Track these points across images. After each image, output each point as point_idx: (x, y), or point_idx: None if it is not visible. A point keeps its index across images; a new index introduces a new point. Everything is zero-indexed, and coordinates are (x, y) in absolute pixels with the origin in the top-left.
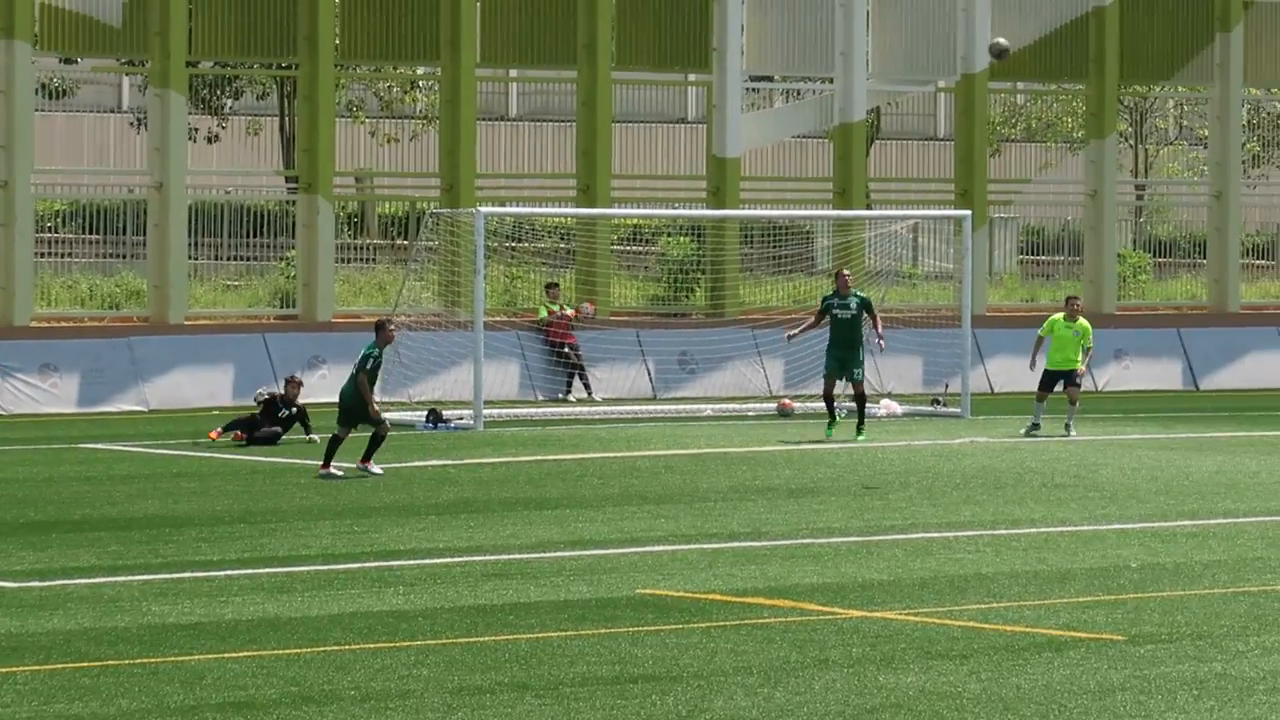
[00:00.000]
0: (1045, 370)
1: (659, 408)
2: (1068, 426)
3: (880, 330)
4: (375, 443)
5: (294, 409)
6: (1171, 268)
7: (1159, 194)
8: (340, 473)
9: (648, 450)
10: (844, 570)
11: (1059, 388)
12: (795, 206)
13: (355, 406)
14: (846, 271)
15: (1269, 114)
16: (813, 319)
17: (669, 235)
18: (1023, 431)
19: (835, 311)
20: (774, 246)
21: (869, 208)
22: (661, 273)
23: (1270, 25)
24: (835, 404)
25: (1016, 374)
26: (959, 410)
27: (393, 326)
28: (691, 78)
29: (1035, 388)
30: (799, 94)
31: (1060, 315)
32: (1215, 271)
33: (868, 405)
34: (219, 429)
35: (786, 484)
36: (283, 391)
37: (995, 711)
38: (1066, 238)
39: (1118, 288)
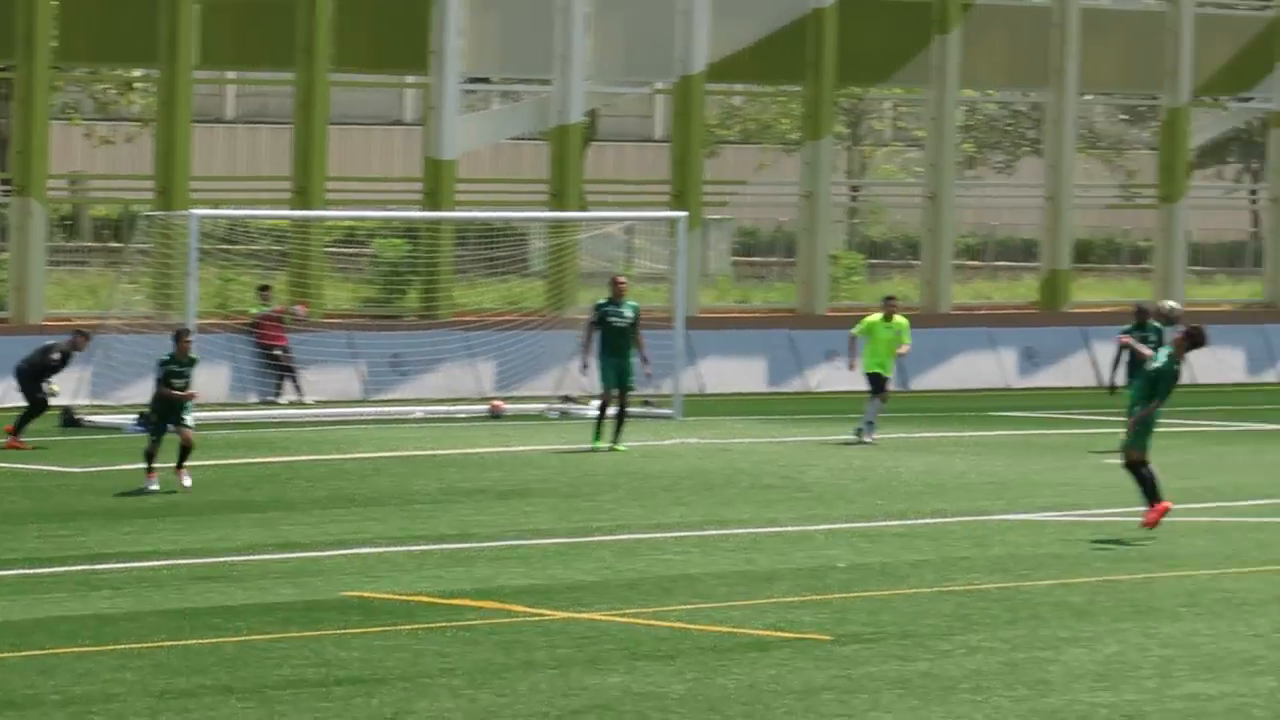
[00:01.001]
0: (866, 373)
1: (370, 410)
2: (859, 431)
3: (645, 352)
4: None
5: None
6: (885, 269)
7: (874, 195)
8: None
9: (357, 453)
10: (551, 572)
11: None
12: (510, 208)
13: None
14: (622, 278)
15: (984, 116)
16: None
17: (383, 237)
18: (854, 431)
19: (610, 319)
20: (488, 248)
21: (584, 209)
22: (375, 275)
23: (987, 28)
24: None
25: (728, 375)
26: (671, 411)
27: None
28: (409, 79)
29: (864, 388)
30: (516, 96)
31: (878, 315)
32: (928, 273)
33: (577, 406)
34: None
35: (495, 486)
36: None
37: (700, 711)
38: (780, 239)
39: (830, 289)
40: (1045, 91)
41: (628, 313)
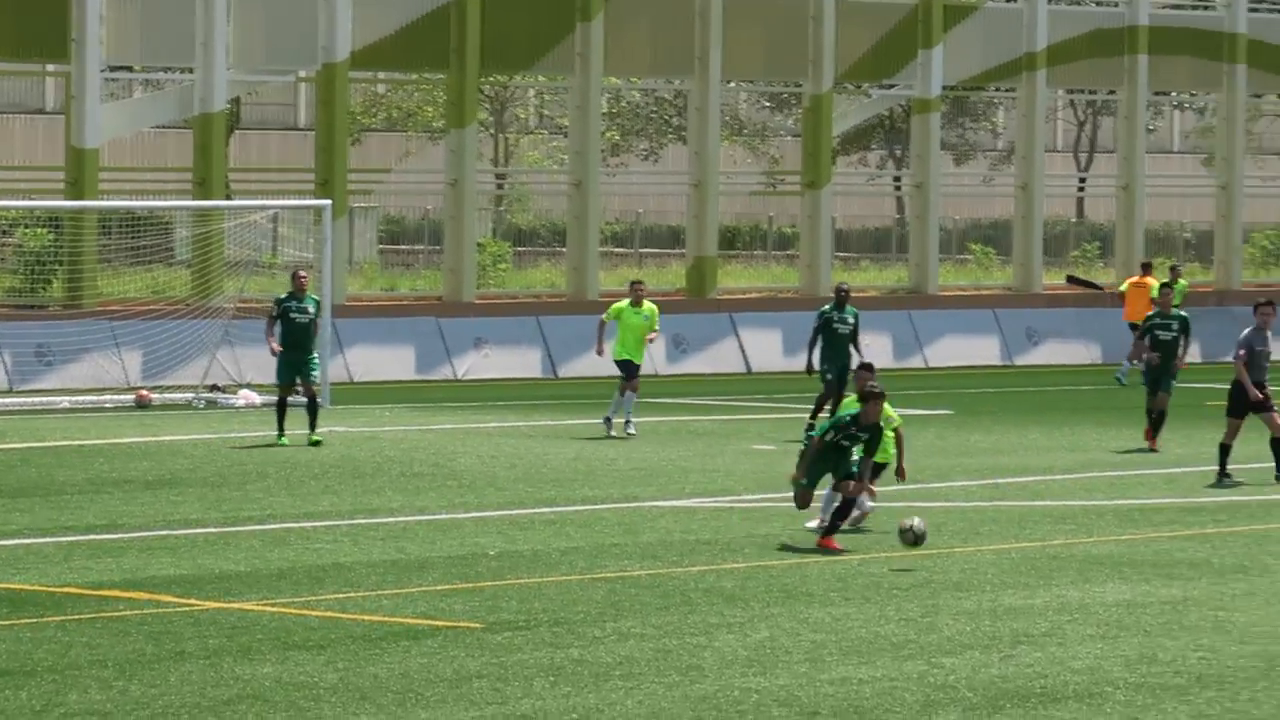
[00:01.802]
0: (616, 360)
1: (15, 400)
2: (627, 423)
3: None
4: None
5: None
6: (531, 256)
7: (519, 183)
8: None
9: (2, 444)
10: (201, 561)
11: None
12: (155, 197)
13: None
14: (303, 272)
15: (629, 103)
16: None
17: (26, 227)
18: (604, 417)
19: (293, 315)
20: (133, 237)
21: (229, 197)
22: (18, 264)
23: (630, 15)
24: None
25: (374, 363)
26: (319, 400)
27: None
28: (50, 68)
29: (614, 374)
30: (159, 84)
31: (626, 301)
32: (575, 260)
33: (225, 396)
34: None
35: (143, 476)
36: None
37: (352, 701)
38: (427, 227)
39: (477, 276)
40: (689, 79)
41: (310, 307)
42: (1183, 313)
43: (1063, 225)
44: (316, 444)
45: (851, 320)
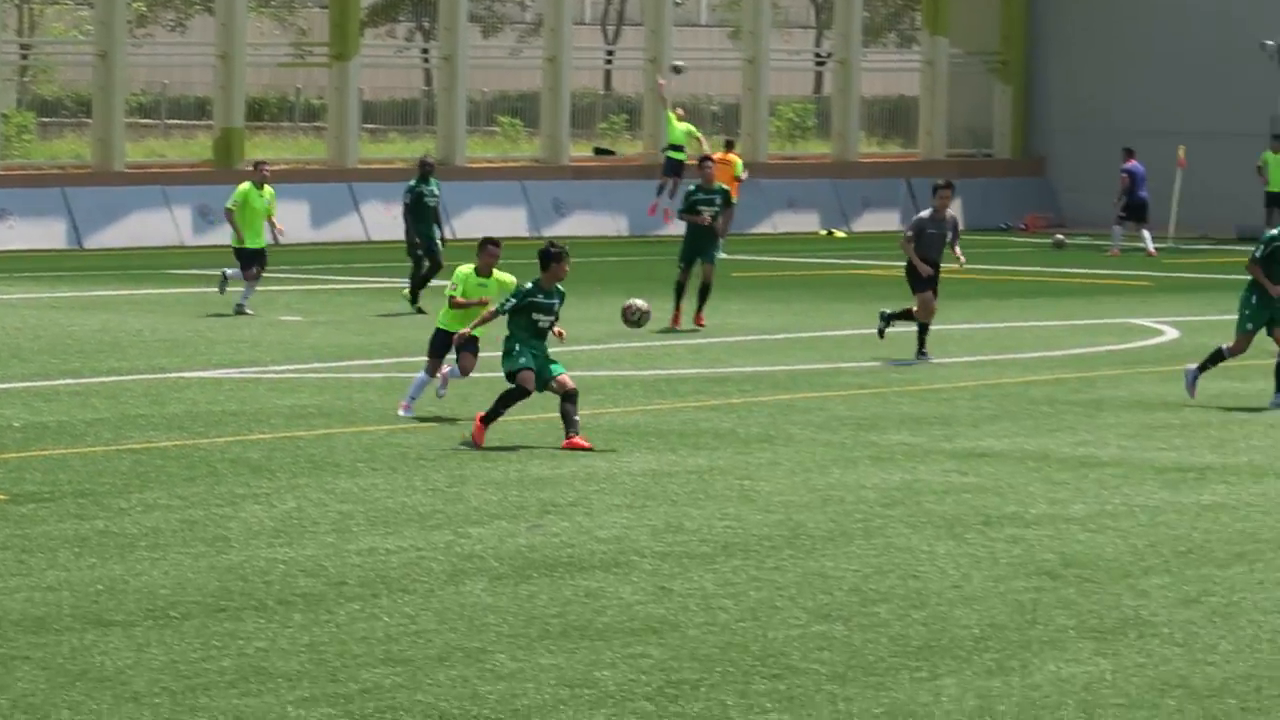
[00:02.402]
0: (242, 245)
1: None
2: (240, 307)
3: None
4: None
5: None
6: (57, 127)
7: (44, 54)
8: None
9: None
10: None
11: None
12: None
13: None
14: None
15: None
16: None
17: None
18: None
19: None
20: None
21: None
22: None
23: None
24: None
25: None
26: None
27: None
28: None
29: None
30: None
31: (248, 184)
32: (100, 131)
33: None
34: None
35: None
36: None
37: None
38: None
39: (1, 147)
40: None
41: None
42: (724, 186)
43: (590, 98)
44: None
45: (439, 192)
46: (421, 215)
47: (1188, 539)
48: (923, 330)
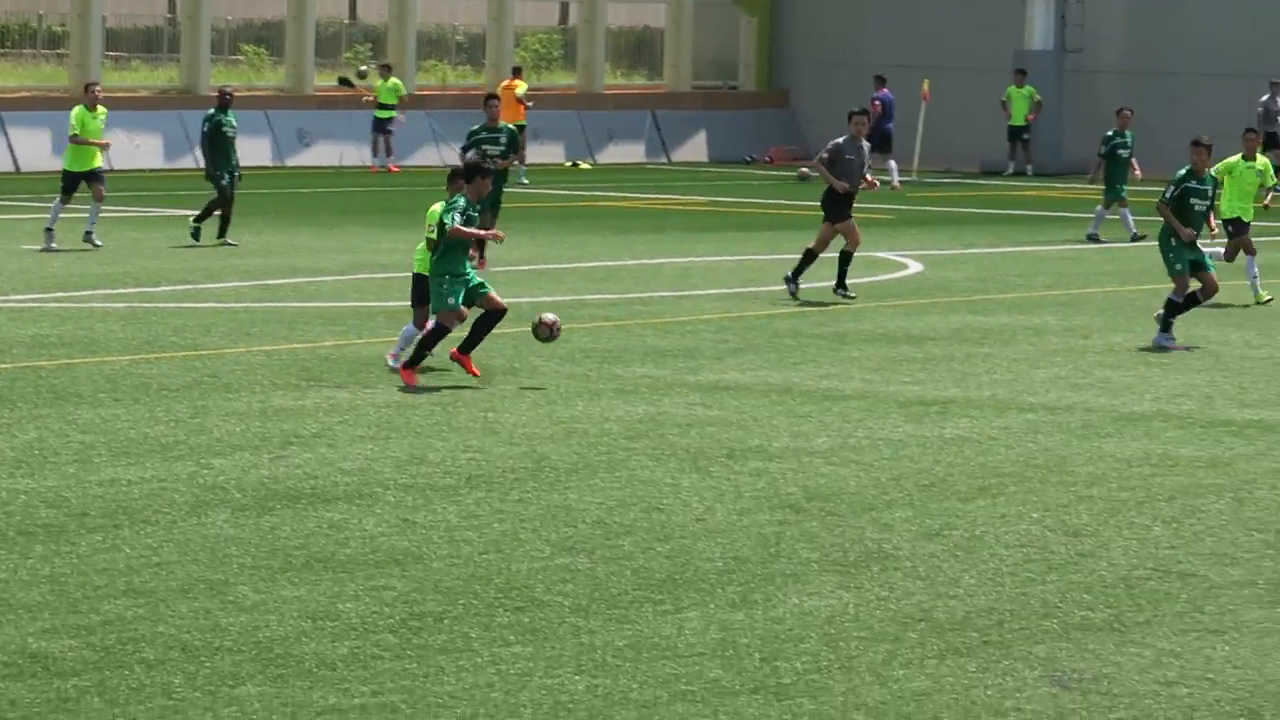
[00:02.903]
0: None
1: None
2: (88, 234)
3: None
4: None
5: None
6: None
7: None
8: None
9: None
10: None
11: None
12: None
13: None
14: None
15: None
16: None
17: None
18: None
19: None
20: None
21: None
22: None
23: None
24: None
25: None
26: None
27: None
28: None
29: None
30: None
31: (81, 107)
32: None
33: None
34: None
35: None
36: None
37: None
38: None
39: None
40: None
41: None
42: (509, 125)
43: (335, 26)
44: None
45: (236, 124)
46: (219, 145)
47: (930, 472)
48: (845, 261)
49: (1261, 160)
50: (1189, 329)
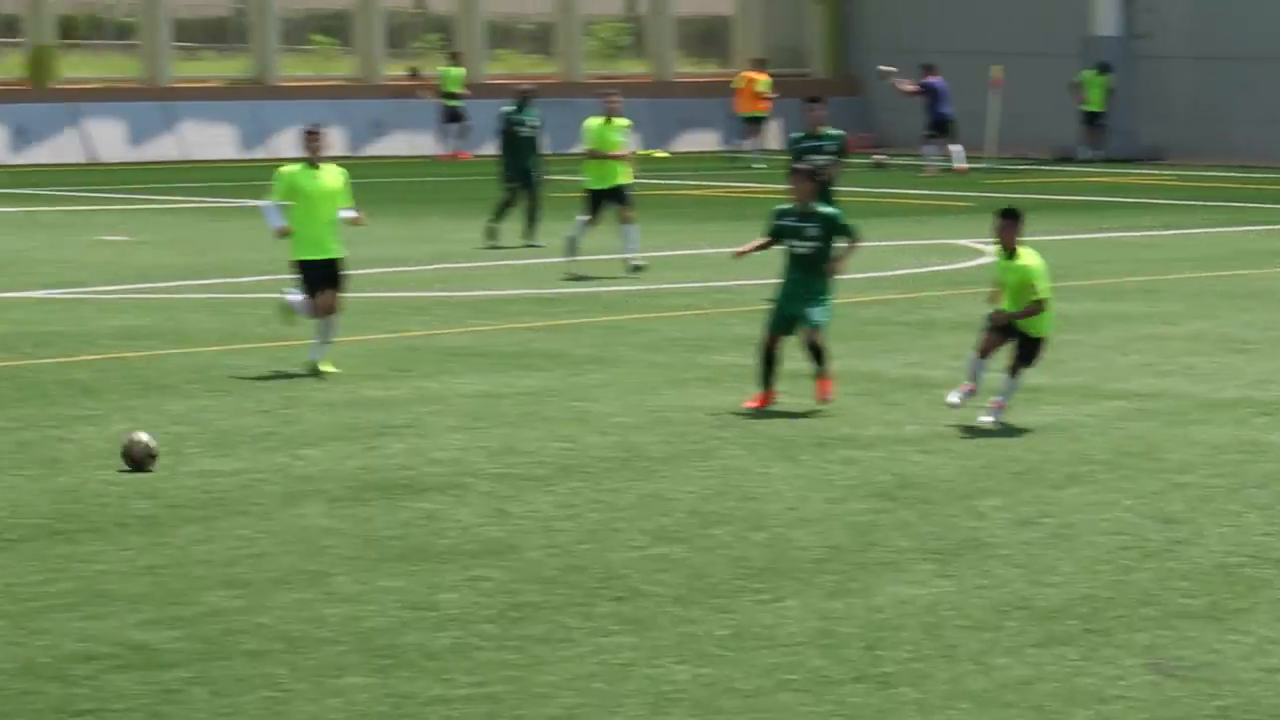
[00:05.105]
0: None
1: None
2: None
3: None
4: None
5: None
6: None
7: None
8: None
9: None
10: None
11: None
12: None
13: None
14: None
15: None
16: None
17: None
18: None
19: None
20: None
21: None
22: None
23: None
24: None
25: None
26: None
27: None
28: None
29: None
30: None
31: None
32: None
33: None
34: None
35: None
36: None
37: None
38: None
39: None
40: None
41: None
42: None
43: (404, 16)
44: None
45: (538, 122)
46: (513, 146)
47: (1022, 460)
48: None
49: None
50: (1270, 314)
